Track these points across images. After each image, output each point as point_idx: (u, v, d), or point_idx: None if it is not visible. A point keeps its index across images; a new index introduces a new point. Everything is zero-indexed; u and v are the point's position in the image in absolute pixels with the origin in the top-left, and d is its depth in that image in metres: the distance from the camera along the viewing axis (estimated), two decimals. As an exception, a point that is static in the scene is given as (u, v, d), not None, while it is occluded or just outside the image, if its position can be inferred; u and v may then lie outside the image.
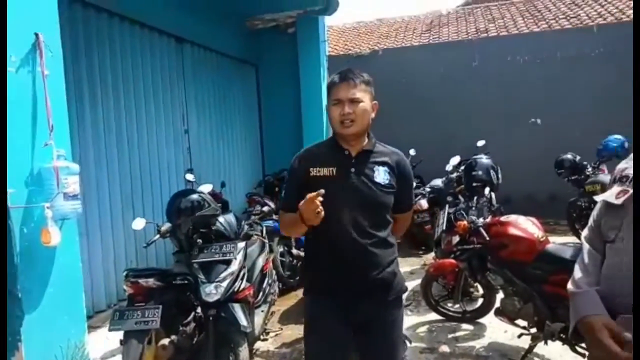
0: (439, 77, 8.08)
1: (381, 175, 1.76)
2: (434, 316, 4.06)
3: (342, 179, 1.71)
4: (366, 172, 1.74)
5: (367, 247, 1.72)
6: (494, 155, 5.45)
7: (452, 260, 3.78)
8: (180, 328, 2.95)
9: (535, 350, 3.22)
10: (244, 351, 2.84)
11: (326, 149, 1.83)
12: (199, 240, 3.04)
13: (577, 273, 1.42)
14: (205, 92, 6.58)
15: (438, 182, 5.95)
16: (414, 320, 4.08)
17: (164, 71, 5.62)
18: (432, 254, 5.17)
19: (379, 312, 1.80)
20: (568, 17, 8.49)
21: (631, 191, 1.31)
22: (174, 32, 5.77)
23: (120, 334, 2.69)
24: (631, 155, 1.47)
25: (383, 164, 1.78)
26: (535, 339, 3.15)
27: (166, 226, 3.08)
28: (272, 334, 3.86)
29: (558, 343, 2.98)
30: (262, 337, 3.71)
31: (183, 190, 3.37)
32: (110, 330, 2.70)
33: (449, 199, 5.01)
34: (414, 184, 6.64)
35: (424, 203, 6.23)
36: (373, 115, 1.80)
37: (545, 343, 3.05)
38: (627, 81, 1.71)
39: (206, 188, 3.60)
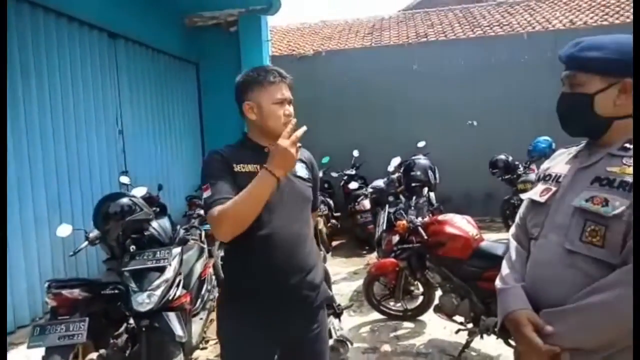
0: (381, 79, 8.21)
1: (300, 170, 1.76)
2: (376, 315, 4.09)
3: None
4: None
5: (292, 244, 1.66)
6: (433, 156, 5.61)
7: (393, 260, 3.82)
8: (111, 341, 2.77)
9: (472, 345, 3.33)
10: (179, 362, 2.72)
11: (244, 148, 1.76)
12: (132, 247, 2.87)
13: (504, 269, 1.45)
14: (142, 90, 6.27)
15: (380, 182, 6.03)
16: (357, 321, 4.09)
17: (94, 67, 5.29)
18: (375, 254, 5.22)
19: (304, 326, 1.73)
20: (501, 25, 8.93)
21: (554, 189, 1.35)
22: (105, 27, 5.45)
23: (42, 351, 2.48)
24: (553, 155, 1.53)
25: (299, 160, 1.76)
26: (472, 334, 3.25)
27: (95, 233, 2.89)
28: (211, 342, 3.71)
29: (493, 337, 3.08)
30: (201, 345, 3.59)
31: (112, 194, 3.15)
32: (29, 347, 2.49)
33: (391, 199, 5.09)
34: (357, 185, 6.72)
35: (366, 203, 6.32)
36: None
37: (482, 337, 3.15)
38: (554, 85, 1.78)
39: (139, 191, 3.41)
